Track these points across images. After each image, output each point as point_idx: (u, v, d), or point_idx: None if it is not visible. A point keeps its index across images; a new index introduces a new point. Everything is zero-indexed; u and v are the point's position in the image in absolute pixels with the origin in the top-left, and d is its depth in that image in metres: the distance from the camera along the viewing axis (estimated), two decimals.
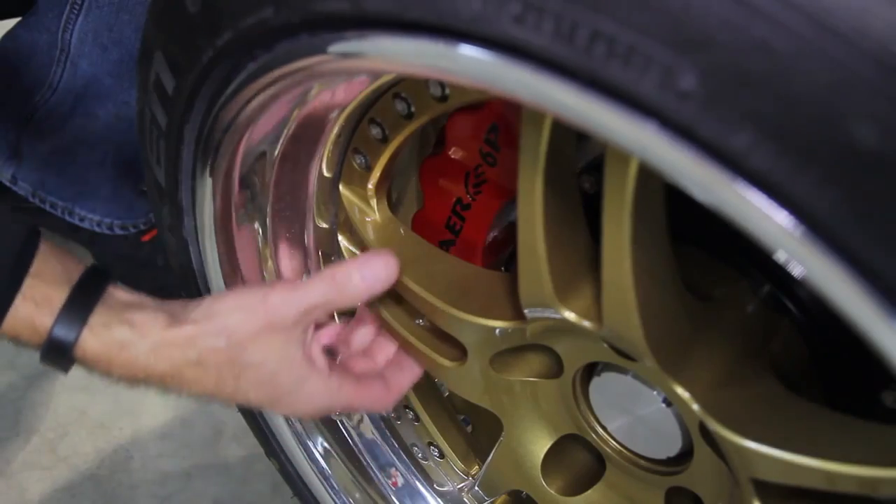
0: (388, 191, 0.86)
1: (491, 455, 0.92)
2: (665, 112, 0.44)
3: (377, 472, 1.05)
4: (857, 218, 0.40)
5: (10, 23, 1.35)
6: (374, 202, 0.85)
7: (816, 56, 0.38)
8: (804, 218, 0.42)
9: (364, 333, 0.89)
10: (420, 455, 1.06)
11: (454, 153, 0.85)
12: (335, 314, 0.96)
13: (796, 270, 0.46)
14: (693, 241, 0.77)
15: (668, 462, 0.79)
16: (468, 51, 0.51)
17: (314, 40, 0.62)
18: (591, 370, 0.79)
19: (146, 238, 1.51)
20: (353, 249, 0.91)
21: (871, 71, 0.37)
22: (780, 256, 0.46)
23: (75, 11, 1.22)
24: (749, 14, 0.39)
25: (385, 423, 1.05)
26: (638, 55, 0.43)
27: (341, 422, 1.04)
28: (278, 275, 0.93)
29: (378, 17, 0.56)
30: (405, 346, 0.87)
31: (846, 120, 0.38)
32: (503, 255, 0.92)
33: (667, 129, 0.45)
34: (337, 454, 1.04)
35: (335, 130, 0.82)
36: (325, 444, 1.04)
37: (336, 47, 0.60)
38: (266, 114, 0.76)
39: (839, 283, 0.44)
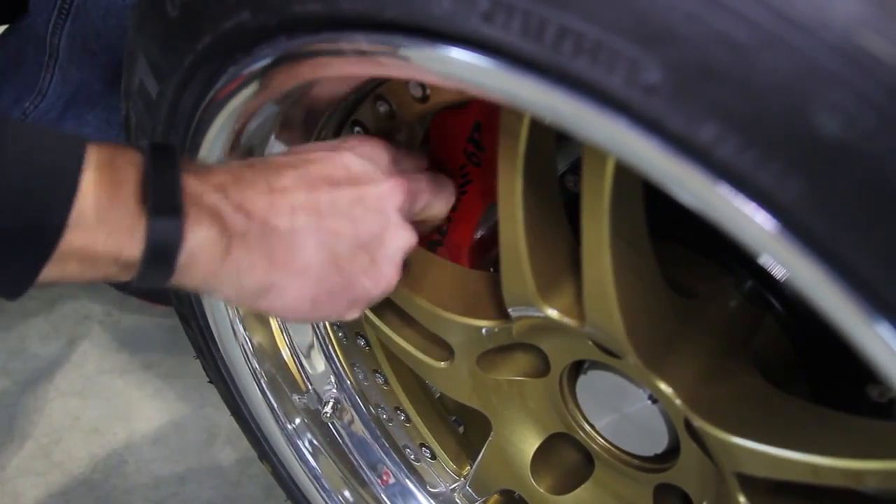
0: None
1: (480, 454, 0.92)
2: (634, 107, 0.44)
3: (367, 470, 1.05)
4: (822, 209, 0.40)
5: None
6: None
7: (778, 47, 0.39)
8: (773, 211, 0.43)
9: None
10: (412, 457, 1.06)
11: (439, 153, 0.85)
12: None
13: (773, 266, 0.47)
14: (675, 237, 0.77)
15: (656, 459, 0.79)
16: (441, 50, 0.52)
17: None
18: (577, 368, 0.79)
19: None
20: None
21: (832, 61, 0.38)
22: (752, 250, 0.46)
23: (63, 16, 1.23)
24: (711, 6, 0.39)
25: (376, 424, 1.05)
26: (604, 51, 0.43)
27: (332, 423, 1.04)
28: None
29: (354, 18, 0.56)
30: (392, 348, 0.87)
31: (808, 110, 0.38)
32: (490, 255, 0.92)
33: (637, 124, 0.45)
34: (327, 453, 1.04)
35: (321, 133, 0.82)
36: (315, 444, 1.04)
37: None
38: (252, 114, 0.76)
39: (812, 276, 0.44)
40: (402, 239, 0.69)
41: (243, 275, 0.61)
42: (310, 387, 1.03)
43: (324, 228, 0.64)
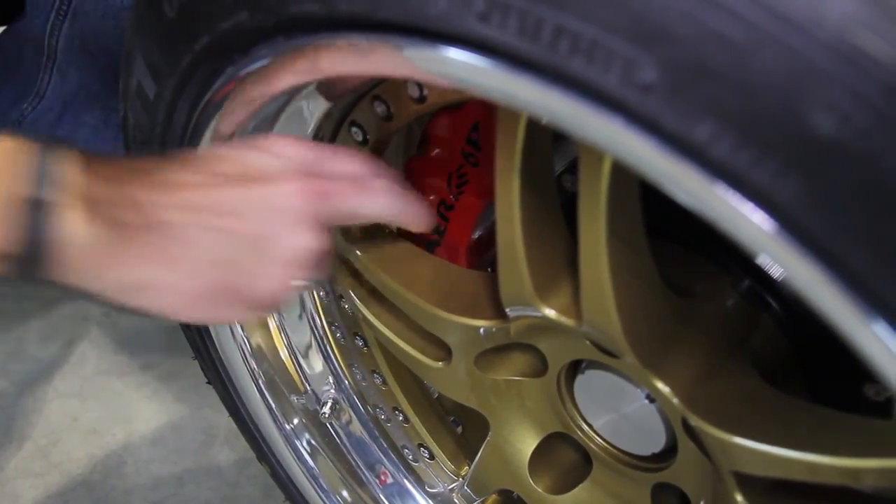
0: None
1: (479, 454, 0.92)
2: (630, 106, 0.44)
3: (365, 471, 1.05)
4: (819, 208, 0.41)
5: None
6: None
7: (774, 46, 0.39)
8: (770, 210, 0.43)
9: None
10: (410, 457, 1.06)
11: (436, 153, 0.86)
12: None
13: (770, 265, 0.47)
14: (672, 236, 0.77)
15: (654, 458, 0.79)
16: (438, 50, 0.52)
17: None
18: (575, 368, 0.79)
19: None
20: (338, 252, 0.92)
21: (828, 60, 0.38)
22: (749, 249, 0.46)
23: (61, 17, 1.22)
24: (706, 5, 0.39)
25: (374, 424, 1.05)
26: (600, 50, 0.43)
27: (330, 423, 1.04)
28: None
29: (350, 18, 0.56)
30: (390, 348, 0.87)
31: (804, 109, 0.39)
32: (488, 255, 0.92)
33: (633, 123, 0.45)
34: (325, 454, 1.04)
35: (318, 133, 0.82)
36: (313, 444, 1.04)
37: None
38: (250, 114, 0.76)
39: (809, 275, 0.44)
40: (298, 241, 0.66)
41: (120, 268, 0.60)
42: (308, 387, 1.03)
43: (210, 225, 0.63)
